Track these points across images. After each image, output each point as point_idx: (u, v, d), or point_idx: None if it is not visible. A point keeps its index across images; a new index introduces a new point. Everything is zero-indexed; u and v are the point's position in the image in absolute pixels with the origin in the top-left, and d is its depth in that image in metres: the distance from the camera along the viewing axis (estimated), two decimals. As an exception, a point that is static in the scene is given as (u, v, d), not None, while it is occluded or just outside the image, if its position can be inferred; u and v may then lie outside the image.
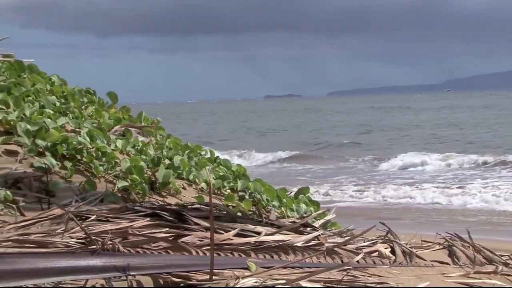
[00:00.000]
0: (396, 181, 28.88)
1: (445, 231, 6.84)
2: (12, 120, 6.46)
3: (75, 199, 5.18)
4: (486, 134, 53.03)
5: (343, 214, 13.15)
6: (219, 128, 75.92)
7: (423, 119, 77.35)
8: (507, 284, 5.19)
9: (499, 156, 34.74)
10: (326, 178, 30.27)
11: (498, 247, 7.41)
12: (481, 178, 28.09)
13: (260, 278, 3.91)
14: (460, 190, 24.33)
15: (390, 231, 6.18)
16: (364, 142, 50.76)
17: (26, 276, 3.52)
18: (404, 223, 16.44)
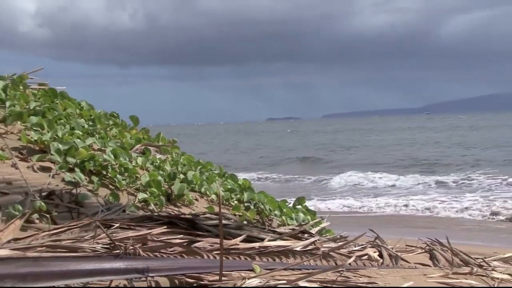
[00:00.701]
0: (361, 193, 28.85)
1: (426, 237, 6.85)
2: (46, 140, 6.48)
3: (101, 210, 5.19)
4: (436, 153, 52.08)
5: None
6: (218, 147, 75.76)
7: (386, 139, 77.48)
8: (481, 283, 5.18)
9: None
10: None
11: (473, 250, 7.39)
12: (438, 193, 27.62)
13: (264, 279, 3.91)
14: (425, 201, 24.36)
15: (378, 237, 6.17)
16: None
17: (58, 277, 3.52)
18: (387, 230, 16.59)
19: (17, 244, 4.05)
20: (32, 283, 3.40)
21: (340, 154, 57.11)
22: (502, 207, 21.30)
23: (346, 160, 48.82)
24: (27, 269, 3.40)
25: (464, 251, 6.48)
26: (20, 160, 6.07)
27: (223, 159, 47.61)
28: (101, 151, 6.71)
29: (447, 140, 66.95)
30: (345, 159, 50.76)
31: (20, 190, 5.31)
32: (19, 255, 3.71)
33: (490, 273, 5.74)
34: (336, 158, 51.62)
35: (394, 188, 31.01)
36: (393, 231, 15.01)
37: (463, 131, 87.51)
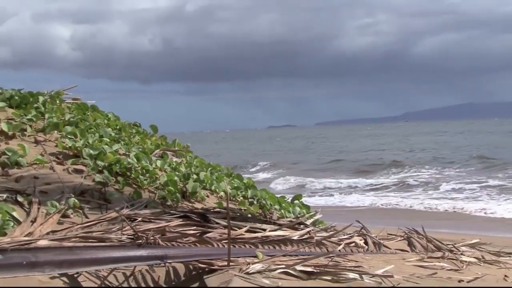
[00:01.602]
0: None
1: (405, 226, 6.84)
2: (79, 147, 6.47)
3: (126, 205, 5.18)
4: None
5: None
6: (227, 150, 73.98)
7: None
8: (452, 266, 5.17)
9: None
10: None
11: (444, 238, 7.38)
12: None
13: (266, 264, 3.91)
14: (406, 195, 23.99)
15: (364, 227, 6.17)
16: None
17: (89, 263, 3.53)
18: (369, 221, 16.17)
19: (54, 236, 4.06)
20: (67, 269, 3.41)
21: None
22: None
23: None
24: (63, 257, 3.41)
25: (437, 238, 6.48)
26: (57, 164, 6.07)
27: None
28: (125, 156, 6.70)
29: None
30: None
31: (57, 189, 5.31)
32: (56, 245, 3.72)
33: (459, 257, 5.73)
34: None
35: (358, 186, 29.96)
36: (374, 222, 14.92)
37: (433, 136, 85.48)
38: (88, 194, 5.49)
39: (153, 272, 3.80)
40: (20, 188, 5.12)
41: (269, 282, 3.51)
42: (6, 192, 4.93)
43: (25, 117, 7.25)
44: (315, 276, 3.83)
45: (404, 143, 67.60)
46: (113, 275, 3.63)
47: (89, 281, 3.53)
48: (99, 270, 3.58)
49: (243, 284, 3.39)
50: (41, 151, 6.25)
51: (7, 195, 4.85)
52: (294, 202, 8.05)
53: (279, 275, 3.72)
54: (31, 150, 6.11)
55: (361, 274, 3.97)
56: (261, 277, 3.59)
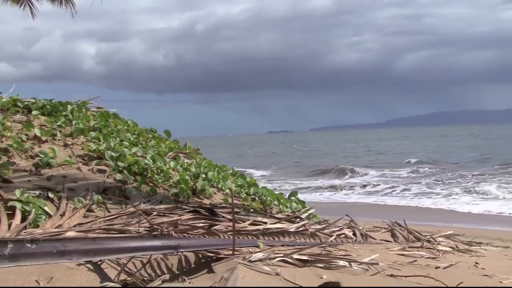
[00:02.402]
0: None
1: (389, 219, 6.83)
2: (102, 149, 6.48)
3: (143, 201, 5.18)
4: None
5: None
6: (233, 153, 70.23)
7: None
8: (430, 254, 5.16)
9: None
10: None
11: (423, 229, 7.37)
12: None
13: (266, 253, 3.90)
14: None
15: (352, 220, 6.17)
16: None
17: (111, 252, 3.50)
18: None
19: (80, 228, 4.05)
20: (92, 257, 3.38)
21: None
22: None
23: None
24: (88, 246, 3.38)
25: (416, 230, 6.48)
26: (83, 165, 6.07)
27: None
28: (143, 157, 6.70)
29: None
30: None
31: (83, 187, 5.31)
32: (82, 235, 3.71)
33: (436, 246, 5.73)
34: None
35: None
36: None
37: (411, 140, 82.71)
38: (110, 191, 5.48)
39: (167, 260, 3.78)
40: (51, 186, 5.12)
41: (269, 269, 3.50)
42: (39, 189, 4.94)
43: (55, 124, 7.27)
44: (309, 264, 3.82)
45: (371, 149, 63.50)
46: (131, 263, 3.62)
47: (110, 268, 3.52)
48: (119, 258, 3.56)
49: (246, 271, 3.37)
50: (69, 154, 6.25)
51: (40, 191, 4.85)
52: (290, 198, 8.04)
53: (278, 262, 3.71)
54: (61, 153, 6.12)
55: (350, 262, 3.97)
56: (262, 265, 3.58)
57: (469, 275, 4.36)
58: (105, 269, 3.48)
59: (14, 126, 6.75)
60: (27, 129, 6.64)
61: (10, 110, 7.58)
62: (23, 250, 2.94)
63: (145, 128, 9.55)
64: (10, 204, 4.29)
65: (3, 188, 4.70)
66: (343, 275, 3.68)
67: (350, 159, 46.32)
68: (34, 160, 5.70)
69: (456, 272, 4.36)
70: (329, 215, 7.43)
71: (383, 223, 6.68)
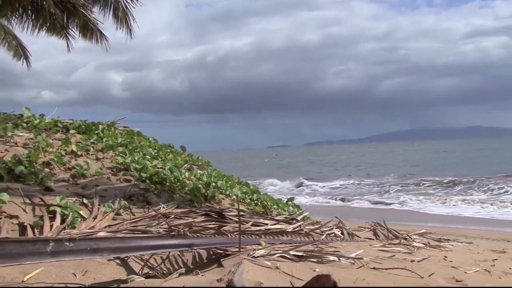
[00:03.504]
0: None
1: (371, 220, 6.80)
2: (128, 162, 6.48)
3: (162, 206, 5.15)
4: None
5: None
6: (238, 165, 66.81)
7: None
8: (406, 250, 5.12)
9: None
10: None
11: (400, 229, 7.32)
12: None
13: (267, 250, 3.88)
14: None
15: (340, 221, 6.14)
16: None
17: (136, 249, 3.49)
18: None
19: (110, 228, 4.03)
20: (120, 253, 3.37)
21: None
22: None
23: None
24: (117, 245, 3.37)
25: (395, 229, 6.44)
26: (111, 175, 6.07)
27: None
28: (162, 169, 6.70)
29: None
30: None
31: (112, 194, 5.30)
32: (111, 235, 3.69)
33: (411, 243, 5.69)
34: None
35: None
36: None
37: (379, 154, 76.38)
38: (134, 197, 5.47)
39: (183, 256, 3.76)
40: (85, 193, 5.11)
41: (270, 263, 3.48)
42: (75, 196, 4.93)
43: (89, 141, 7.29)
44: (304, 259, 3.80)
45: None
46: (153, 259, 3.60)
47: (135, 263, 3.50)
48: (143, 254, 3.54)
49: (251, 265, 3.36)
50: (100, 166, 6.26)
51: (76, 198, 4.85)
52: (288, 203, 8.00)
53: (278, 258, 3.69)
54: (93, 165, 6.13)
55: (339, 257, 3.95)
56: (264, 260, 3.55)
57: (439, 267, 4.32)
58: (130, 264, 3.46)
59: (55, 143, 6.77)
60: (65, 146, 6.66)
61: (52, 129, 7.62)
62: (62, 247, 2.93)
63: (164, 144, 9.56)
64: (51, 208, 4.30)
65: (45, 195, 4.70)
66: (333, 268, 3.65)
67: (303, 172, 41.70)
68: (71, 172, 5.71)
69: (428, 265, 4.33)
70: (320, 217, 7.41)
71: (366, 223, 6.65)
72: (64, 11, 8.82)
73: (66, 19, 9.02)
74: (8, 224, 3.83)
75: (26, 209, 4.26)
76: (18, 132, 6.99)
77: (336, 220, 6.18)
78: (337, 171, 42.58)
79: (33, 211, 4.25)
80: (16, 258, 2.67)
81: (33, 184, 4.98)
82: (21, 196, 4.46)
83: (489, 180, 24.64)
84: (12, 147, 6.17)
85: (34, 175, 5.14)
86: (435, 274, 3.79)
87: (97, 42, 9.33)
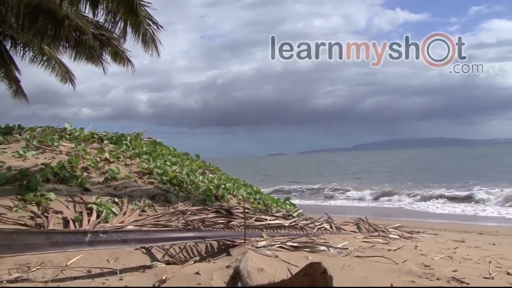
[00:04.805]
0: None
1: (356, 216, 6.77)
2: (151, 168, 6.49)
3: (180, 204, 5.15)
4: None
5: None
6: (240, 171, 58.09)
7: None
8: (384, 241, 5.07)
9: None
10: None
11: (379, 223, 7.28)
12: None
13: (268, 241, 3.86)
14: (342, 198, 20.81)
15: (329, 217, 6.10)
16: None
17: (158, 241, 3.48)
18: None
19: (137, 223, 4.03)
20: (145, 244, 3.37)
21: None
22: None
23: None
24: (142, 236, 3.37)
25: (374, 223, 6.41)
26: (138, 178, 6.07)
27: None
28: (180, 173, 6.70)
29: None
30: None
31: (138, 194, 5.30)
32: (138, 229, 3.69)
33: (388, 235, 5.65)
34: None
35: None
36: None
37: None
38: (157, 197, 5.46)
39: (197, 247, 3.74)
40: (116, 193, 5.11)
41: (270, 253, 3.46)
42: (108, 195, 4.94)
43: (119, 150, 7.31)
44: (299, 249, 3.78)
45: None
46: (172, 248, 3.59)
47: (158, 252, 3.49)
48: (164, 245, 3.53)
49: (254, 254, 3.34)
50: (129, 171, 6.26)
51: (109, 197, 4.85)
52: (285, 202, 7.99)
53: (277, 248, 3.66)
54: (123, 170, 6.13)
55: (328, 247, 3.92)
56: (265, 250, 3.54)
57: (411, 254, 4.29)
58: (154, 253, 3.45)
59: (91, 151, 6.80)
60: (100, 154, 6.68)
61: (89, 140, 7.65)
62: (98, 238, 2.93)
63: (182, 152, 9.58)
64: (89, 206, 4.31)
65: (84, 194, 4.70)
66: (323, 256, 3.63)
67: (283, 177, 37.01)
68: (105, 175, 5.72)
69: (402, 253, 4.29)
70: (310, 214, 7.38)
71: (351, 219, 6.62)
72: (100, 42, 8.98)
73: (101, 48, 9.16)
74: (55, 218, 3.84)
75: (69, 206, 4.26)
76: (62, 142, 7.03)
77: (326, 216, 6.15)
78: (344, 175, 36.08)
79: (74, 208, 4.26)
80: (61, 246, 2.68)
81: (74, 186, 4.99)
82: (64, 196, 4.47)
83: (451, 184, 24.04)
84: (57, 155, 6.20)
85: (75, 178, 5.15)
86: (407, 261, 3.76)
87: (125, 66, 9.49)
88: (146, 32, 7.19)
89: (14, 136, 7.10)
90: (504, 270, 3.73)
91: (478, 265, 3.96)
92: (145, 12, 6.92)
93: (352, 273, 3.16)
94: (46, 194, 4.29)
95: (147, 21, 7.10)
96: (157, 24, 7.29)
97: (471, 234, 8.14)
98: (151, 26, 7.23)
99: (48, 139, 6.82)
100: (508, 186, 18.77)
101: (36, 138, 7.00)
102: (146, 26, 7.10)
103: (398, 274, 3.25)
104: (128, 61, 9.33)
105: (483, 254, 4.62)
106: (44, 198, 4.20)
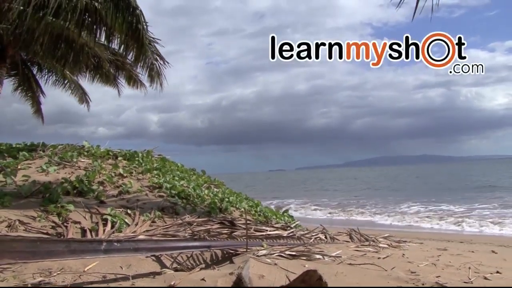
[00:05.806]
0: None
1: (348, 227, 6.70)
2: (161, 182, 6.47)
3: (187, 216, 5.12)
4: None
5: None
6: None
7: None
8: (374, 249, 5.04)
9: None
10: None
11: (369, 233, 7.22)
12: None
13: (268, 250, 3.84)
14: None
15: (324, 228, 6.05)
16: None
17: (167, 249, 3.48)
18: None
19: (147, 233, 4.03)
20: (155, 252, 3.36)
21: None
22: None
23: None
24: (153, 245, 3.36)
25: (366, 233, 6.36)
26: (149, 192, 6.06)
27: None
28: (187, 187, 6.68)
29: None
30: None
31: (149, 206, 5.28)
32: (149, 238, 3.69)
33: (378, 244, 5.61)
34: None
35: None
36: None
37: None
38: (166, 209, 5.44)
39: (203, 255, 3.73)
40: (129, 205, 5.11)
41: (270, 261, 3.44)
42: (122, 207, 4.93)
43: (132, 165, 7.32)
44: (297, 257, 3.75)
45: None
46: (180, 256, 3.57)
47: (167, 259, 3.47)
48: (172, 253, 3.52)
49: (255, 262, 3.33)
50: (140, 185, 6.26)
51: (122, 209, 4.85)
52: (284, 214, 7.91)
53: (276, 257, 3.65)
54: (135, 184, 6.14)
55: (323, 255, 3.90)
56: (265, 258, 3.52)
57: (399, 262, 4.26)
58: (163, 260, 3.44)
59: (107, 167, 6.82)
60: (114, 169, 6.69)
61: (105, 157, 7.67)
62: (112, 247, 2.93)
63: (189, 168, 9.57)
64: (104, 217, 4.31)
65: (100, 206, 4.71)
66: (319, 264, 3.61)
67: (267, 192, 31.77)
68: (119, 189, 5.72)
69: (391, 261, 4.27)
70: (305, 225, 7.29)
71: (344, 229, 6.56)
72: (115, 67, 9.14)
73: (116, 72, 9.32)
74: (74, 228, 3.85)
75: (86, 216, 4.27)
76: (81, 158, 7.06)
77: (321, 227, 6.12)
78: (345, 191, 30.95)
79: (91, 219, 4.26)
80: (79, 253, 2.68)
81: (91, 198, 5.00)
82: (82, 207, 4.48)
83: (435, 199, 23.15)
84: (76, 170, 6.22)
85: (92, 191, 5.16)
86: (396, 268, 3.74)
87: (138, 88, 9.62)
88: (153, 67, 7.29)
89: (38, 153, 7.14)
90: (482, 275, 3.73)
91: (459, 271, 3.94)
92: (153, 48, 7.03)
93: (345, 279, 3.15)
94: (66, 206, 4.30)
95: (155, 57, 7.20)
96: (163, 60, 7.38)
97: (453, 243, 8.07)
98: (158, 61, 7.32)
99: (68, 156, 6.86)
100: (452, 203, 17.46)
101: (58, 154, 7.04)
102: (154, 61, 7.20)
103: (387, 280, 3.23)
104: (141, 84, 9.45)
105: (463, 261, 4.61)
106: (64, 210, 4.22)
